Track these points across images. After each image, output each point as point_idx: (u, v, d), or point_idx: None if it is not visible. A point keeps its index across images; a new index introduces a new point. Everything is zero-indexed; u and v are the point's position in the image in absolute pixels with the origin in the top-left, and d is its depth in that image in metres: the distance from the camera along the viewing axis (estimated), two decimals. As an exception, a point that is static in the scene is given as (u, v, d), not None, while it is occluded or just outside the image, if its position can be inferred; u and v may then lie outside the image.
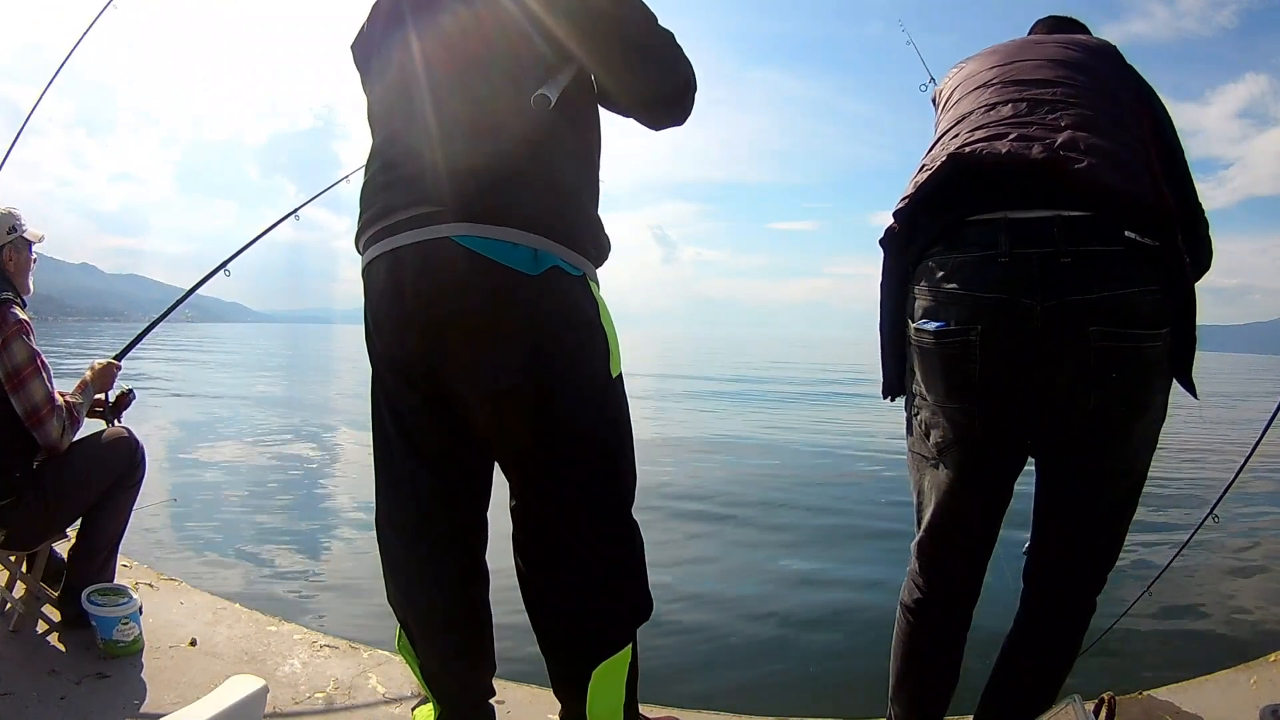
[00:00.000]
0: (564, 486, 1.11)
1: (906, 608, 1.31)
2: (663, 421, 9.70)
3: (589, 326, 1.10)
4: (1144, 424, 1.11)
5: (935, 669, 1.30)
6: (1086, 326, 1.02)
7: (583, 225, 1.12)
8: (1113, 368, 1.04)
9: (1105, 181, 1.03)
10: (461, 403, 1.10)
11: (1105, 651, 2.10)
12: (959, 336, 1.09)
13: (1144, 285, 1.03)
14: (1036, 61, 1.25)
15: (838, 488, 5.77)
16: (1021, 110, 1.15)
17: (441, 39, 1.10)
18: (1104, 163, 1.05)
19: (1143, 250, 1.03)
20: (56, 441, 1.82)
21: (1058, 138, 1.08)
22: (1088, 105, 1.14)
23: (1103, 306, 1.02)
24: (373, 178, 1.15)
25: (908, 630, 1.31)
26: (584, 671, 1.12)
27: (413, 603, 1.20)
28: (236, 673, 1.57)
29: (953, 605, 1.28)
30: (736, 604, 3.12)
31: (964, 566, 1.26)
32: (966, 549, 1.25)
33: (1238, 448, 7.84)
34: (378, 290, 1.11)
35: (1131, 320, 1.02)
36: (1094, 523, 1.17)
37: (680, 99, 1.16)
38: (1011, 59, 1.28)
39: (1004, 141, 1.10)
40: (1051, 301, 1.03)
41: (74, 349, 24.51)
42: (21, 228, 1.89)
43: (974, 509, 1.22)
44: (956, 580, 1.27)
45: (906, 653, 1.32)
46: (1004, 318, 1.06)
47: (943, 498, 1.21)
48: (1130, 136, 1.12)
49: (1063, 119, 1.11)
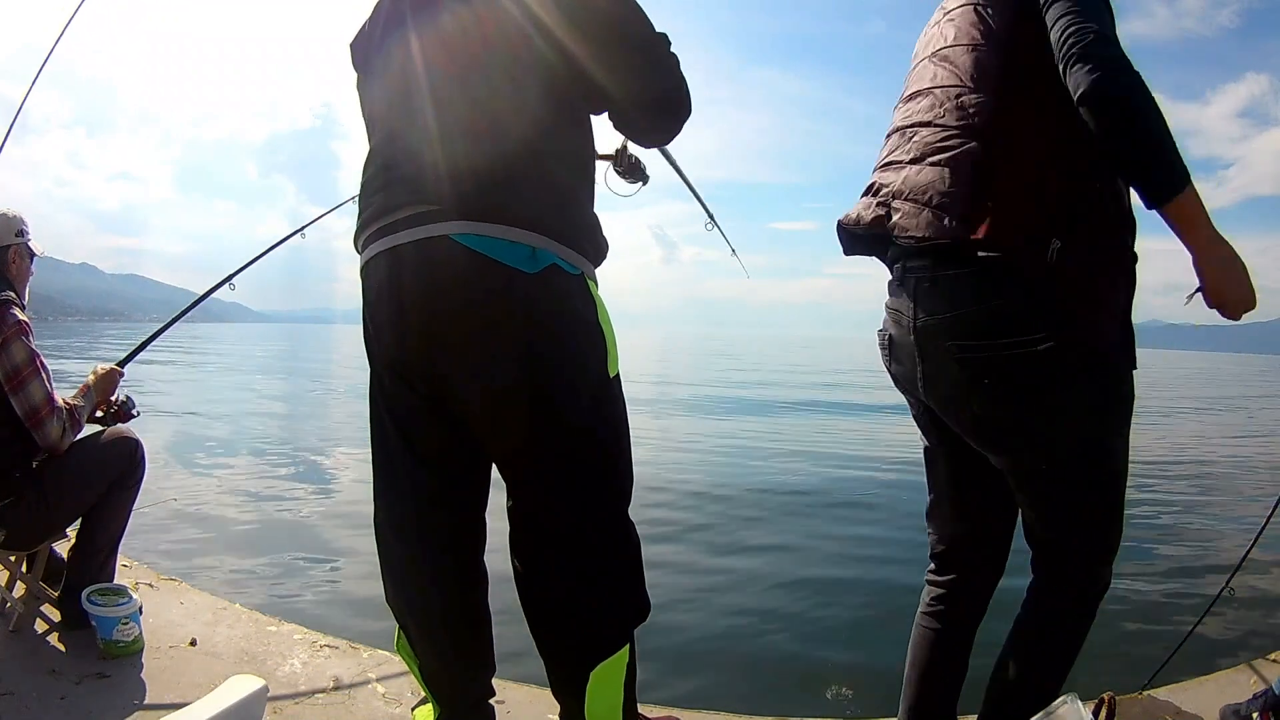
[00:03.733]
0: (560, 486, 1.11)
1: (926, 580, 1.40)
2: (663, 420, 9.70)
3: (587, 326, 1.10)
4: (1044, 421, 1.11)
5: (934, 659, 1.34)
6: (946, 341, 1.11)
7: (581, 224, 1.12)
8: (983, 375, 1.09)
9: (911, 233, 1.12)
10: (459, 402, 1.10)
11: (1106, 652, 2.10)
12: (880, 337, 1.29)
13: (997, 299, 1.07)
14: (922, 62, 1.26)
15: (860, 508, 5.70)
16: (889, 148, 1.25)
17: (441, 39, 1.10)
18: (911, 209, 1.13)
19: (996, 264, 1.06)
20: (56, 442, 1.82)
21: (892, 186, 1.19)
22: (935, 119, 1.16)
23: (960, 322, 1.10)
24: (372, 177, 1.15)
25: (919, 616, 1.38)
26: (582, 672, 1.12)
27: (411, 603, 1.20)
28: (236, 673, 1.57)
29: (952, 582, 1.33)
30: (738, 603, 3.12)
31: (943, 532, 1.35)
32: (941, 518, 1.35)
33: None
34: (376, 289, 1.11)
35: (989, 332, 1.07)
36: (1039, 506, 1.20)
37: (676, 106, 1.16)
38: (916, 58, 1.30)
39: (857, 205, 1.27)
40: (920, 319, 1.15)
41: (86, 352, 24.48)
42: (27, 233, 1.92)
43: (944, 493, 1.34)
44: (945, 546, 1.35)
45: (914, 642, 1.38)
46: (897, 329, 1.22)
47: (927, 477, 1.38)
48: (969, 140, 1.10)
49: (910, 152, 1.18)
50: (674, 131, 1.22)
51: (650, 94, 1.14)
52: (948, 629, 1.33)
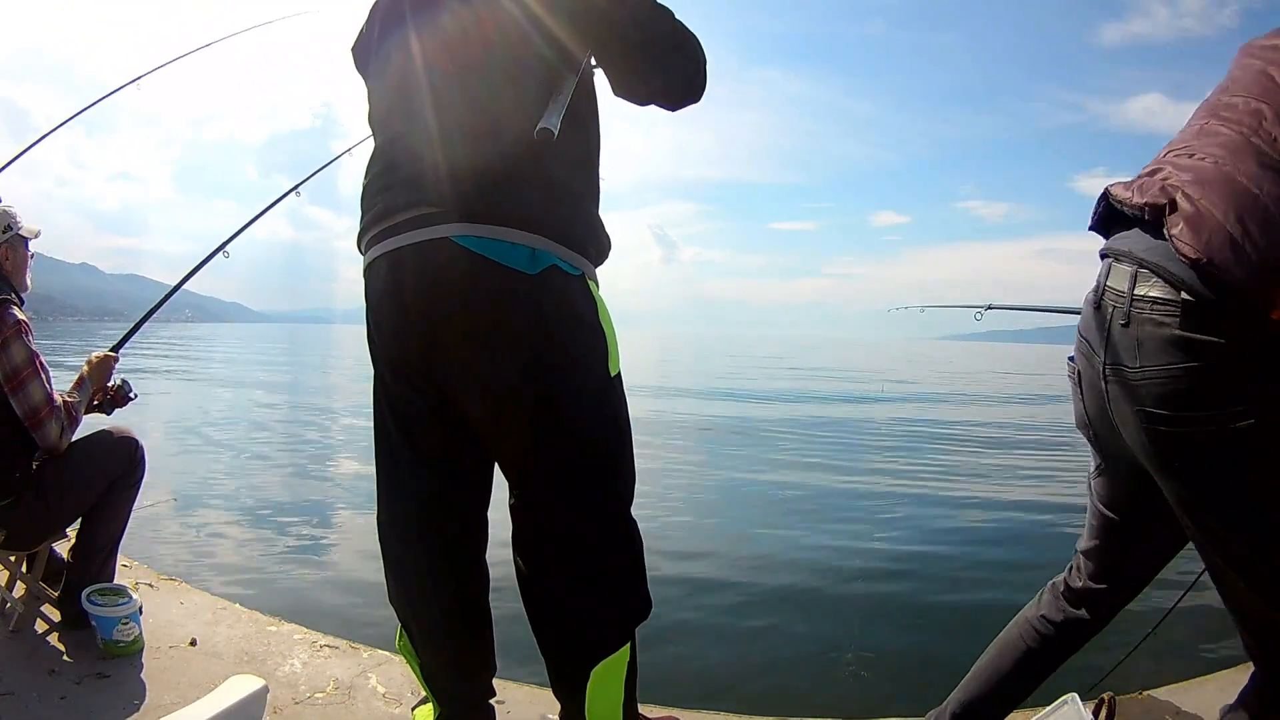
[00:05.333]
0: (563, 485, 1.11)
1: (1054, 594, 1.34)
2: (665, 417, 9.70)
3: (587, 326, 1.10)
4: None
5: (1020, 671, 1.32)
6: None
7: (581, 225, 1.12)
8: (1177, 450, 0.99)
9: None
10: (461, 402, 1.10)
11: (1106, 652, 2.09)
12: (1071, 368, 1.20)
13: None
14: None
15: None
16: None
17: (442, 40, 1.10)
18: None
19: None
20: (55, 443, 1.82)
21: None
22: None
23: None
24: (374, 179, 1.15)
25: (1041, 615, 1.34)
26: (583, 670, 1.12)
27: (413, 602, 1.20)
28: (236, 673, 1.57)
29: (1079, 616, 1.29)
30: (739, 605, 3.12)
31: (1100, 573, 1.28)
32: (1110, 566, 1.28)
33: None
34: (379, 291, 1.11)
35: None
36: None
37: (679, 98, 1.16)
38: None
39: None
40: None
41: (85, 351, 24.48)
42: (17, 225, 1.87)
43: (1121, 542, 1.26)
44: (1090, 583, 1.29)
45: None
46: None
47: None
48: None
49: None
50: (693, 101, 1.19)
51: (655, 91, 1.15)
52: (1049, 649, 1.31)
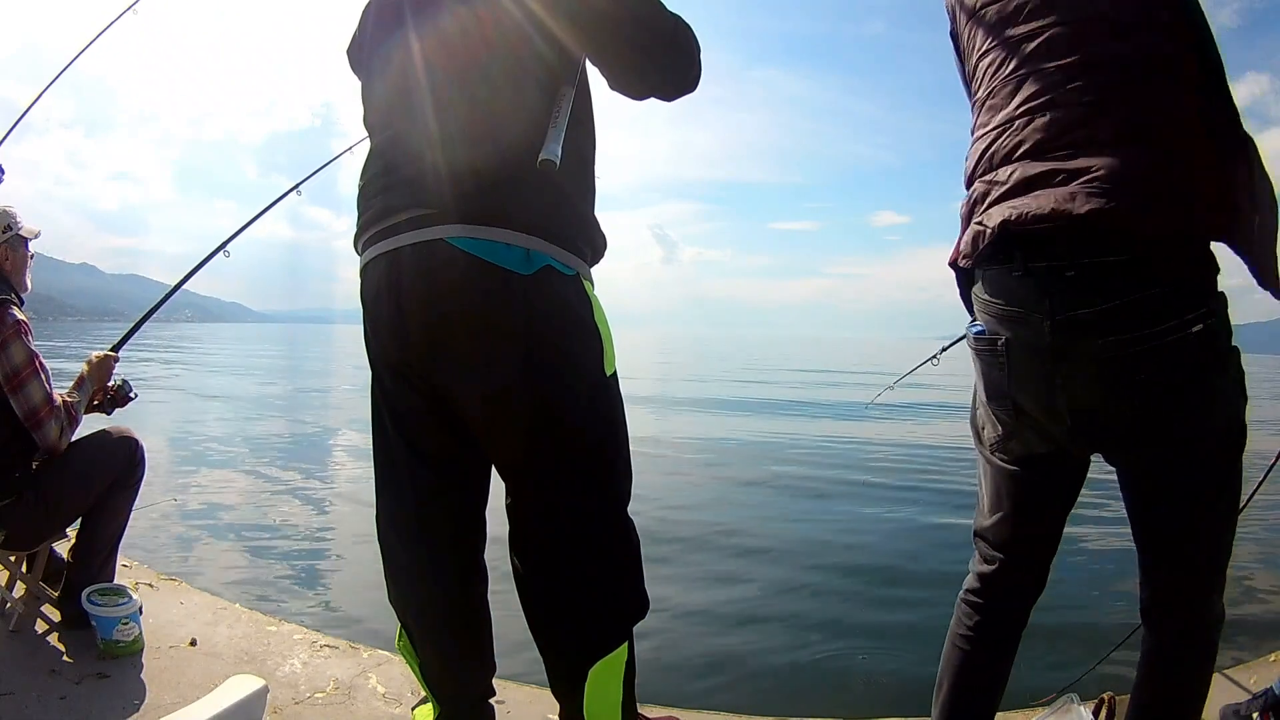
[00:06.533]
0: (559, 485, 1.12)
1: (964, 599, 1.28)
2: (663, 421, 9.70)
3: (582, 325, 1.10)
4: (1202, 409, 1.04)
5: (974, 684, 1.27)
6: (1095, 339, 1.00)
7: (576, 225, 1.12)
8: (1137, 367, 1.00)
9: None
10: (458, 403, 1.10)
11: (1106, 651, 2.10)
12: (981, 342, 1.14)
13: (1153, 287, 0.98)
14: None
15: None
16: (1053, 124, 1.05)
17: (441, 40, 1.09)
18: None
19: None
20: (55, 443, 1.82)
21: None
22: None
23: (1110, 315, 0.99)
24: (373, 179, 1.15)
25: (961, 622, 1.28)
26: (581, 669, 1.12)
27: (412, 602, 1.20)
28: (236, 673, 1.57)
29: (1005, 598, 1.24)
30: (740, 604, 3.12)
31: (1015, 558, 1.23)
32: (1013, 538, 1.23)
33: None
34: (375, 291, 1.11)
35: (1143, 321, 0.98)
36: (1174, 508, 1.08)
37: (685, 82, 1.16)
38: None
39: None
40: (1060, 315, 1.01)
41: (85, 352, 24.49)
42: (16, 225, 1.87)
43: (1026, 512, 1.21)
44: (1010, 573, 1.23)
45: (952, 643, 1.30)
46: (1021, 330, 1.07)
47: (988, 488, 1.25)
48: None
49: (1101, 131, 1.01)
50: (689, 92, 1.19)
51: (654, 89, 1.15)
52: (989, 653, 1.25)
